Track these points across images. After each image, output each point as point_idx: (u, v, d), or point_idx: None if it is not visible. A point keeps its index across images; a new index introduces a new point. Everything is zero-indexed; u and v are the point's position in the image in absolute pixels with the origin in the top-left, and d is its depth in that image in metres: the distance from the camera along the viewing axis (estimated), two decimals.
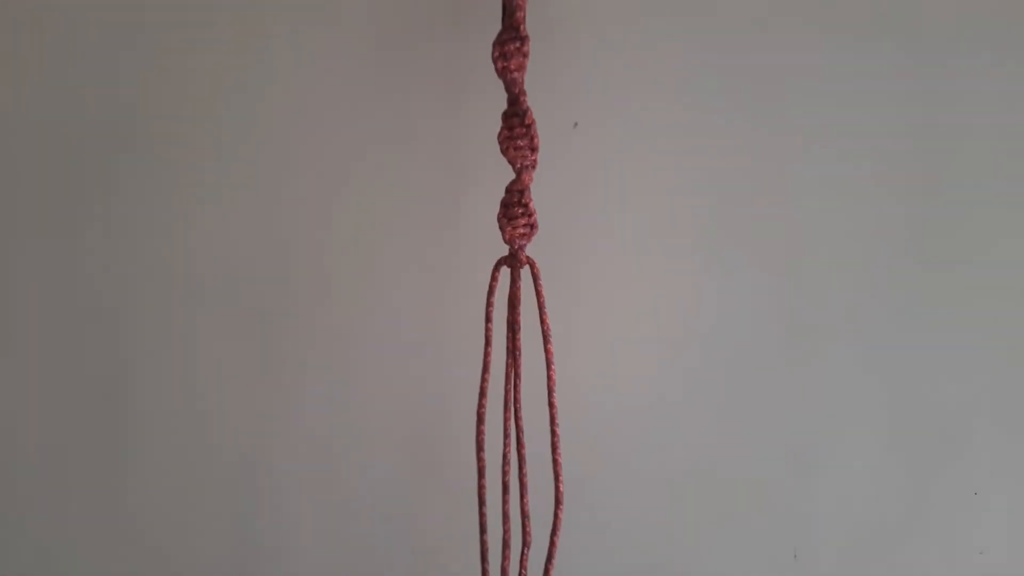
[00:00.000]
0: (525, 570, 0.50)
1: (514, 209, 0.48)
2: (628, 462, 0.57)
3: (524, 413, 0.50)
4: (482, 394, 0.49)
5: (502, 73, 0.46)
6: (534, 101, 0.48)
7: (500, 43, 0.46)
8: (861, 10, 0.53)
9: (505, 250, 0.49)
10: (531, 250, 0.49)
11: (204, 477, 0.58)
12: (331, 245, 0.56)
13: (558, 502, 0.49)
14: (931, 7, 0.53)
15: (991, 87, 0.53)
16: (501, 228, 0.48)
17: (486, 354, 0.49)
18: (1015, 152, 0.54)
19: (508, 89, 0.47)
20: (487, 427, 0.50)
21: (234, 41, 0.54)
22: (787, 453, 0.56)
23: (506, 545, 0.50)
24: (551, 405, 0.49)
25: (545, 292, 0.49)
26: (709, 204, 0.55)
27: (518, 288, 0.49)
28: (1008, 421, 0.56)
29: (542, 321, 0.49)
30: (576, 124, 0.54)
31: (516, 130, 0.47)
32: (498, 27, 0.46)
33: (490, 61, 0.46)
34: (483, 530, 0.50)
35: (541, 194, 0.49)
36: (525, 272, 0.49)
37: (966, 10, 0.53)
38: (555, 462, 0.49)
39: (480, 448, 0.50)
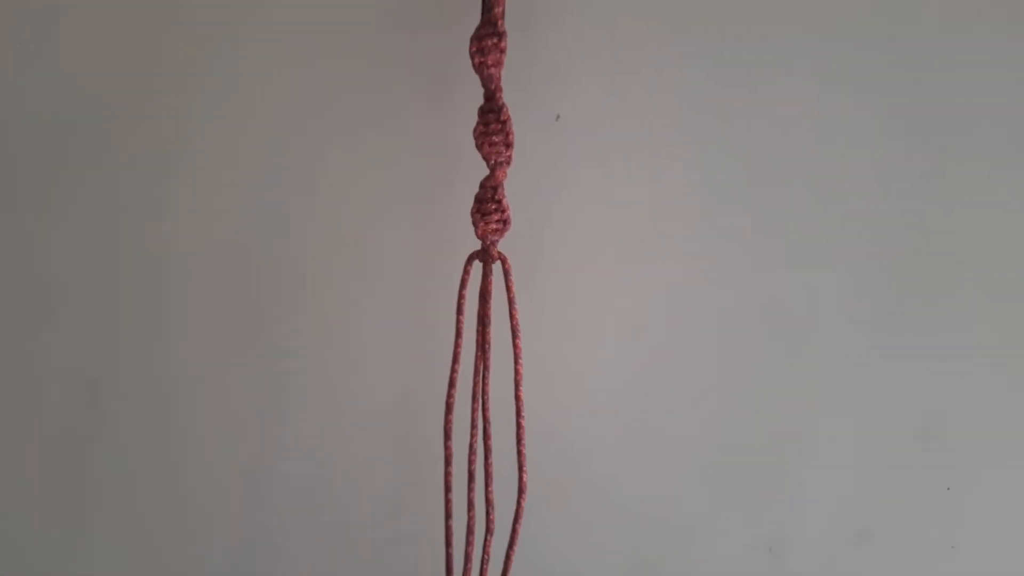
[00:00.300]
0: (488, 556, 0.51)
1: (487, 205, 0.48)
2: (599, 457, 0.57)
3: (492, 405, 0.51)
4: (451, 384, 0.50)
5: (479, 68, 0.46)
6: (514, 95, 0.48)
7: (478, 38, 0.45)
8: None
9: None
10: (504, 245, 0.50)
11: (186, 471, 0.60)
12: (308, 240, 0.56)
13: (521, 491, 0.50)
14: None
15: (983, 81, 0.52)
16: (474, 224, 0.49)
17: (456, 345, 0.50)
18: (1006, 147, 0.53)
19: (484, 84, 0.47)
20: (455, 417, 0.51)
21: (217, 32, 0.54)
22: (763, 448, 0.57)
23: (470, 531, 0.51)
24: (517, 398, 0.50)
25: (516, 287, 0.49)
26: (690, 199, 0.54)
27: (489, 283, 0.50)
28: (981, 419, 0.56)
29: (511, 316, 0.49)
30: (558, 117, 0.54)
31: (491, 126, 0.47)
32: (477, 22, 0.46)
33: (468, 56, 0.45)
34: (448, 516, 0.51)
35: (517, 189, 0.50)
36: (497, 267, 0.50)
37: (956, 3, 0.52)
38: (519, 453, 0.50)
39: (448, 437, 0.51)
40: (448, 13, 0.51)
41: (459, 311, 0.50)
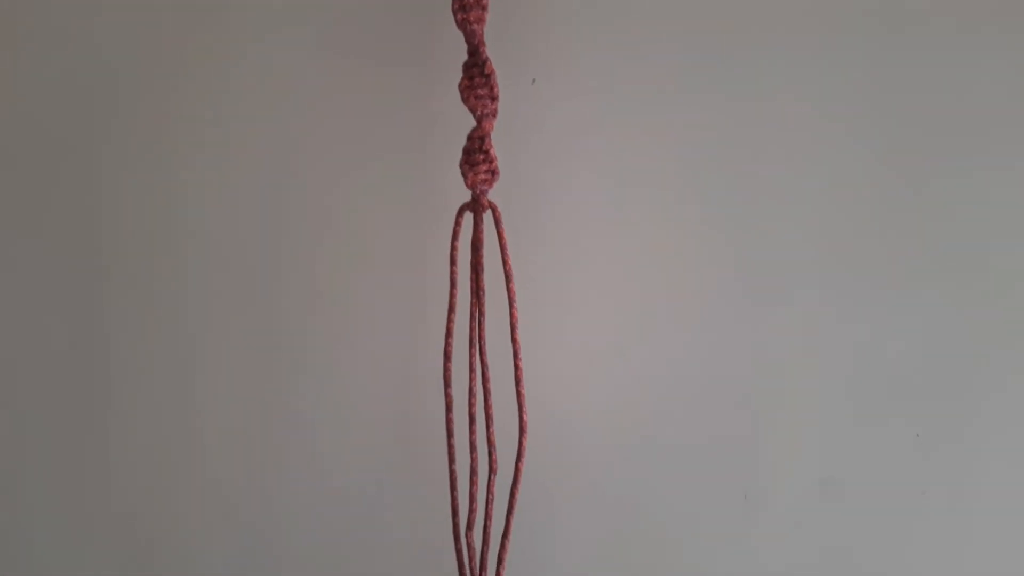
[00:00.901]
0: (492, 495, 0.53)
1: (475, 156, 0.50)
2: (583, 398, 0.58)
3: (488, 350, 0.52)
4: (448, 333, 0.52)
5: (461, 24, 0.48)
6: (495, 56, 0.50)
7: None
8: None
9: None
10: (494, 195, 0.52)
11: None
12: (300, 197, 0.57)
13: (522, 431, 0.52)
14: None
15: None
16: (464, 174, 0.51)
17: (451, 295, 0.51)
18: (988, 121, 0.55)
19: (468, 40, 0.49)
20: (454, 365, 0.52)
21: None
22: (738, 397, 0.58)
23: (474, 472, 0.52)
24: (514, 341, 0.51)
25: (507, 235, 0.51)
26: (669, 157, 0.56)
27: (481, 232, 0.52)
28: (949, 366, 0.57)
29: (504, 262, 0.51)
30: (534, 80, 0.56)
31: (476, 79, 0.49)
32: None
33: (450, 13, 0.48)
34: (451, 460, 0.52)
35: (503, 142, 0.52)
36: (488, 217, 0.52)
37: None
38: (519, 394, 0.52)
39: (447, 384, 0.52)
40: None
41: (452, 262, 0.52)
